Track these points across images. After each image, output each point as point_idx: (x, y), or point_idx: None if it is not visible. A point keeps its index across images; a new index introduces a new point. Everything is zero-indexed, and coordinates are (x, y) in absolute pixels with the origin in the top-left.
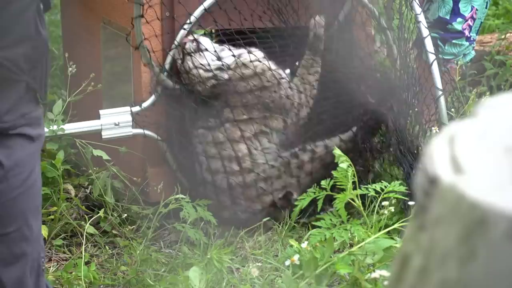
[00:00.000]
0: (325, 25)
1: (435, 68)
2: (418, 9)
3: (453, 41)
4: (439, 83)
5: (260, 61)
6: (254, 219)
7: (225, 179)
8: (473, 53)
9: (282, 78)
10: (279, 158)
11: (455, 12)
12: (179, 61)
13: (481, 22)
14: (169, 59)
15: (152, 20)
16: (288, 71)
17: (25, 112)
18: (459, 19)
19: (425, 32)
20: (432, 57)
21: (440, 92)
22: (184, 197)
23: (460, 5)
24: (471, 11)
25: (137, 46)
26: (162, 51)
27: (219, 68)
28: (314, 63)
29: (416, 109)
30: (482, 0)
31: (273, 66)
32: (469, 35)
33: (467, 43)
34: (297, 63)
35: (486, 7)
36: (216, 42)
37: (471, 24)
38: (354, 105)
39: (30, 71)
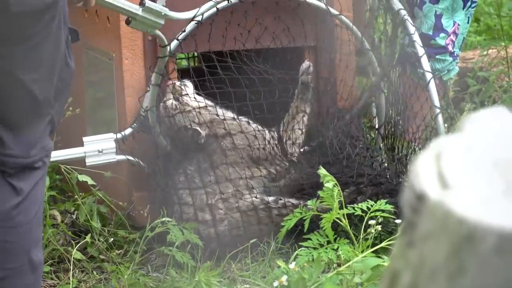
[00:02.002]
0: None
1: (432, 87)
2: (412, 29)
3: (437, 56)
4: (437, 102)
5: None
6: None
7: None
8: (456, 68)
9: (261, 130)
10: (252, 201)
11: (438, 27)
12: (171, 100)
13: (464, 38)
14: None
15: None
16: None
17: (45, 145)
18: (442, 34)
19: (420, 51)
20: (429, 75)
21: (438, 111)
22: (170, 220)
23: (443, 20)
24: (453, 26)
25: (146, 110)
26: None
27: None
28: (301, 111)
29: (401, 128)
30: (463, 15)
31: (247, 121)
32: (452, 51)
33: (451, 59)
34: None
35: (468, 22)
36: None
37: (453, 39)
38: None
39: (54, 104)
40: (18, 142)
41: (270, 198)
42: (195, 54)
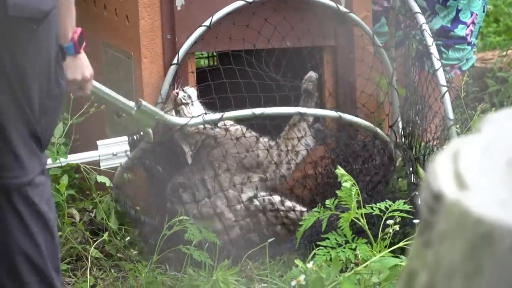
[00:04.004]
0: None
1: (447, 99)
2: (429, 40)
3: (456, 46)
4: (451, 114)
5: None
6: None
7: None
8: (474, 57)
9: (259, 137)
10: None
11: (456, 19)
12: (172, 112)
13: (480, 27)
14: None
15: None
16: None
17: (40, 159)
18: (460, 26)
19: (437, 64)
20: (444, 89)
21: (452, 122)
22: (188, 218)
23: (460, 13)
24: (471, 16)
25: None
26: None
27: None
28: (303, 120)
29: (420, 127)
30: (480, 5)
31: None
32: (470, 40)
33: (469, 48)
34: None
35: (483, 11)
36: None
37: (472, 29)
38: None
39: (40, 119)
40: (16, 160)
41: (276, 199)
42: (214, 53)
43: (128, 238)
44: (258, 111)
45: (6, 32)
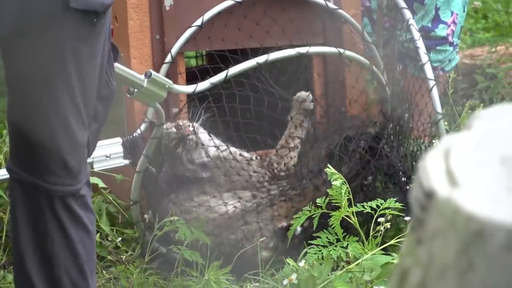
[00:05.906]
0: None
1: (435, 93)
2: (416, 35)
3: (438, 47)
4: (439, 108)
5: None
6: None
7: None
8: (457, 58)
9: (251, 159)
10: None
11: (436, 19)
12: (172, 143)
13: (461, 27)
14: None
15: None
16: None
17: (87, 168)
18: (441, 25)
19: (424, 58)
20: (431, 83)
21: (440, 116)
22: (179, 218)
23: (440, 12)
24: (451, 16)
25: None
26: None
27: (203, 164)
28: (295, 137)
29: (409, 125)
30: (460, 5)
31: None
32: (451, 41)
33: (451, 48)
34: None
35: (464, 11)
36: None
37: (453, 29)
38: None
39: (91, 125)
40: (64, 167)
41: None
42: (203, 52)
43: (120, 239)
44: (261, 59)
45: (66, 25)
